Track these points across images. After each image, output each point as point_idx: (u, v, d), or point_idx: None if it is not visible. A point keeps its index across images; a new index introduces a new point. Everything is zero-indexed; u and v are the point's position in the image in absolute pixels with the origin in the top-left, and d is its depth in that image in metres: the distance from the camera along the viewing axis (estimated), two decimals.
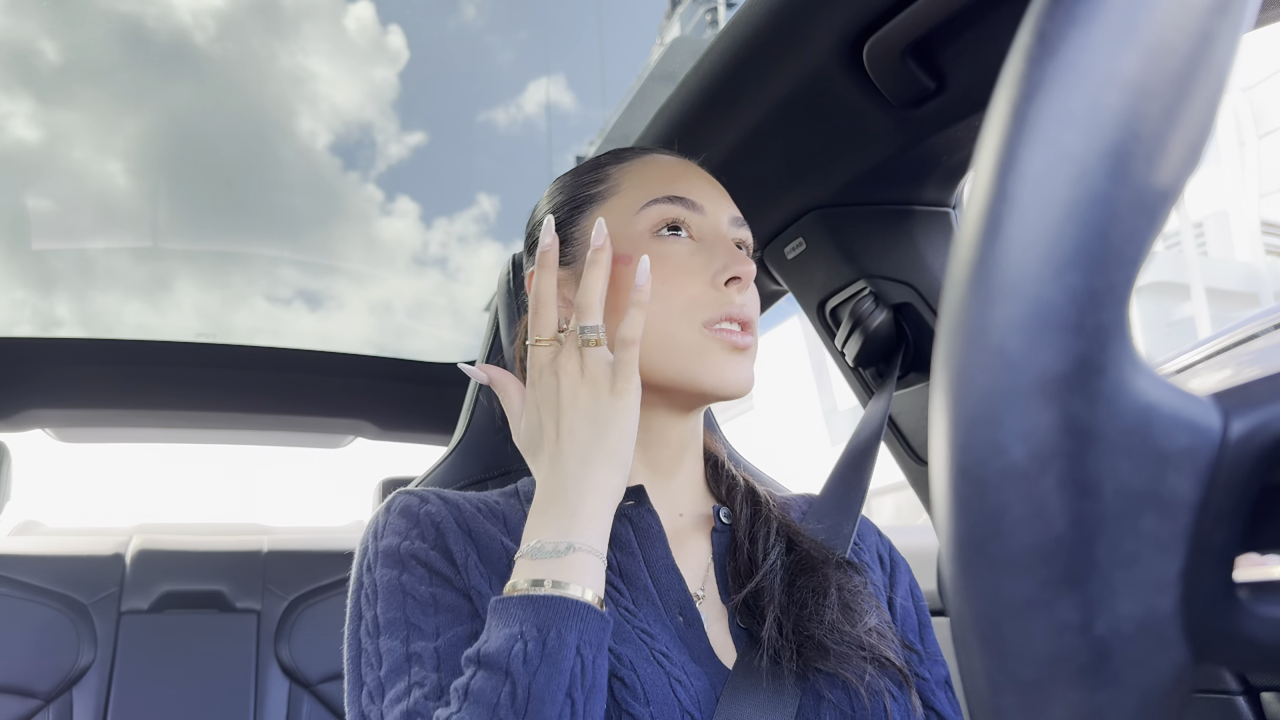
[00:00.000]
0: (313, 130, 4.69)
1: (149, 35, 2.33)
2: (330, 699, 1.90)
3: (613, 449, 0.66)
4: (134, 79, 2.35)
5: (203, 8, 2.90)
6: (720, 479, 0.82)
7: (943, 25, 0.80)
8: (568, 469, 0.66)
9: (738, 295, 0.73)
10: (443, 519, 0.71)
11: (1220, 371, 0.80)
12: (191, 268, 2.64)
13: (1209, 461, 0.23)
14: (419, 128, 17.34)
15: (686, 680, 0.65)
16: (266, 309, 2.83)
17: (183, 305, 2.70)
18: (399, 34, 11.07)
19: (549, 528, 0.64)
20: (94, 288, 2.53)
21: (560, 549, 0.62)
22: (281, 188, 3.29)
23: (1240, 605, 0.24)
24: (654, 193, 0.76)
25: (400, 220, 13.54)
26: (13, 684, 1.70)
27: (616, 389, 0.66)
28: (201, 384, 1.97)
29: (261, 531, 2.28)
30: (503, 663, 0.57)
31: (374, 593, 0.67)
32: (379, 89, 9.38)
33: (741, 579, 0.72)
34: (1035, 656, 0.22)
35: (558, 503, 0.65)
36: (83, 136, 2.49)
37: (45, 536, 2.24)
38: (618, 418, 0.66)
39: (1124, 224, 0.22)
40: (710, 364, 0.72)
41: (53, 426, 2.02)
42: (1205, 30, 0.22)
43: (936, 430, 0.23)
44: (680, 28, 18.64)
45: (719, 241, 0.76)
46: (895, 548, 0.86)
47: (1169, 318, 14.78)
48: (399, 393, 2.09)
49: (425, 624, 0.65)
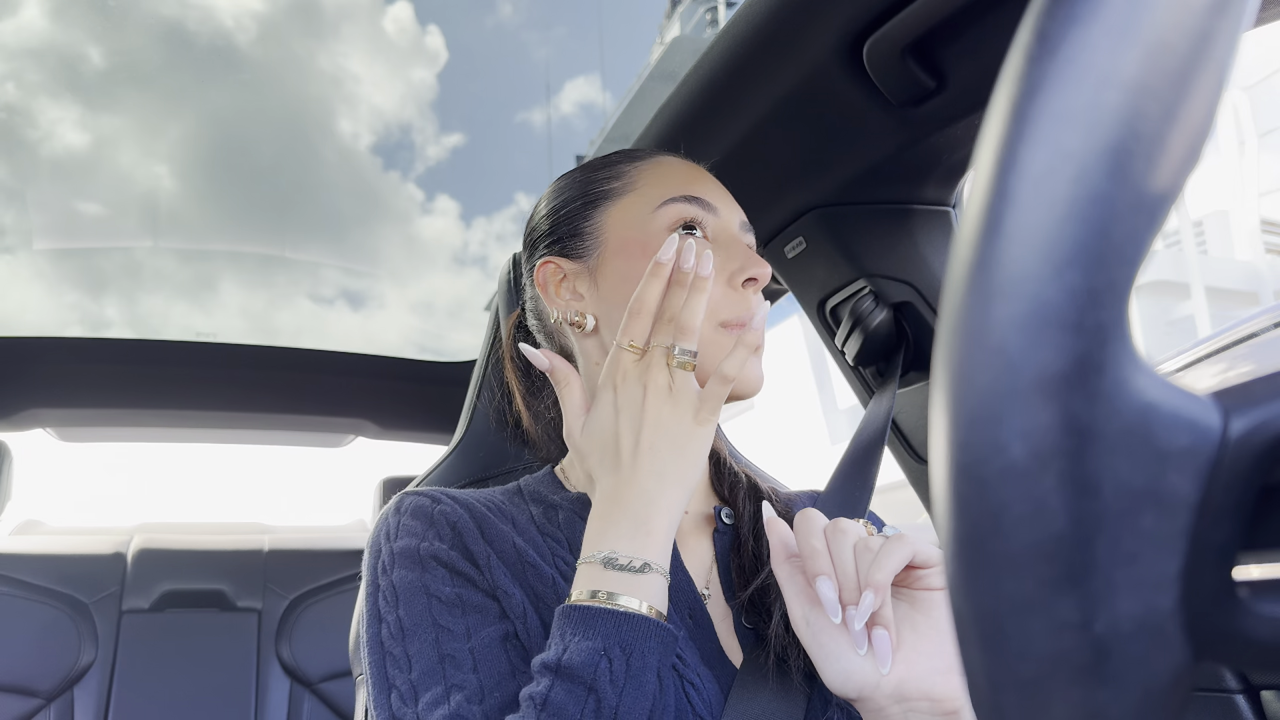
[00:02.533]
0: (354, 131, 4.72)
1: (191, 38, 2.36)
2: (331, 698, 1.90)
3: (685, 472, 0.66)
4: (177, 82, 2.38)
5: (243, 10, 2.94)
6: (723, 477, 0.82)
7: (943, 24, 0.80)
8: (645, 484, 0.65)
9: (753, 296, 0.74)
10: (458, 518, 0.70)
11: (1220, 370, 0.80)
12: (236, 269, 2.67)
13: (1209, 460, 0.23)
14: (457, 129, 17.39)
15: (699, 684, 0.65)
16: (310, 309, 2.85)
17: (228, 306, 2.74)
18: (438, 34, 11.18)
19: (624, 540, 0.63)
20: (142, 290, 2.58)
21: (637, 565, 0.62)
22: (323, 187, 3.33)
23: (1240, 604, 0.24)
24: (670, 191, 0.76)
25: (441, 219, 13.62)
26: (14, 683, 1.70)
27: (701, 417, 0.66)
28: (202, 383, 1.97)
29: (262, 531, 2.28)
30: (588, 678, 0.57)
31: (393, 595, 0.67)
32: (418, 90, 9.46)
33: (746, 577, 0.72)
34: (1035, 655, 0.22)
35: (632, 515, 0.64)
36: (129, 141, 2.53)
37: (46, 536, 2.24)
38: (696, 444, 0.66)
39: (1124, 223, 0.22)
40: (733, 361, 0.71)
41: (54, 426, 2.02)
42: (1205, 29, 0.22)
43: (937, 429, 0.23)
44: (680, 27, 18.64)
45: (733, 243, 0.76)
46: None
47: (1169, 316, 14.78)
48: (399, 392, 2.09)
49: (454, 625, 0.65)
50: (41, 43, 2.23)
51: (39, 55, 2.28)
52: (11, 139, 2.24)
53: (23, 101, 2.30)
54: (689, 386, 0.67)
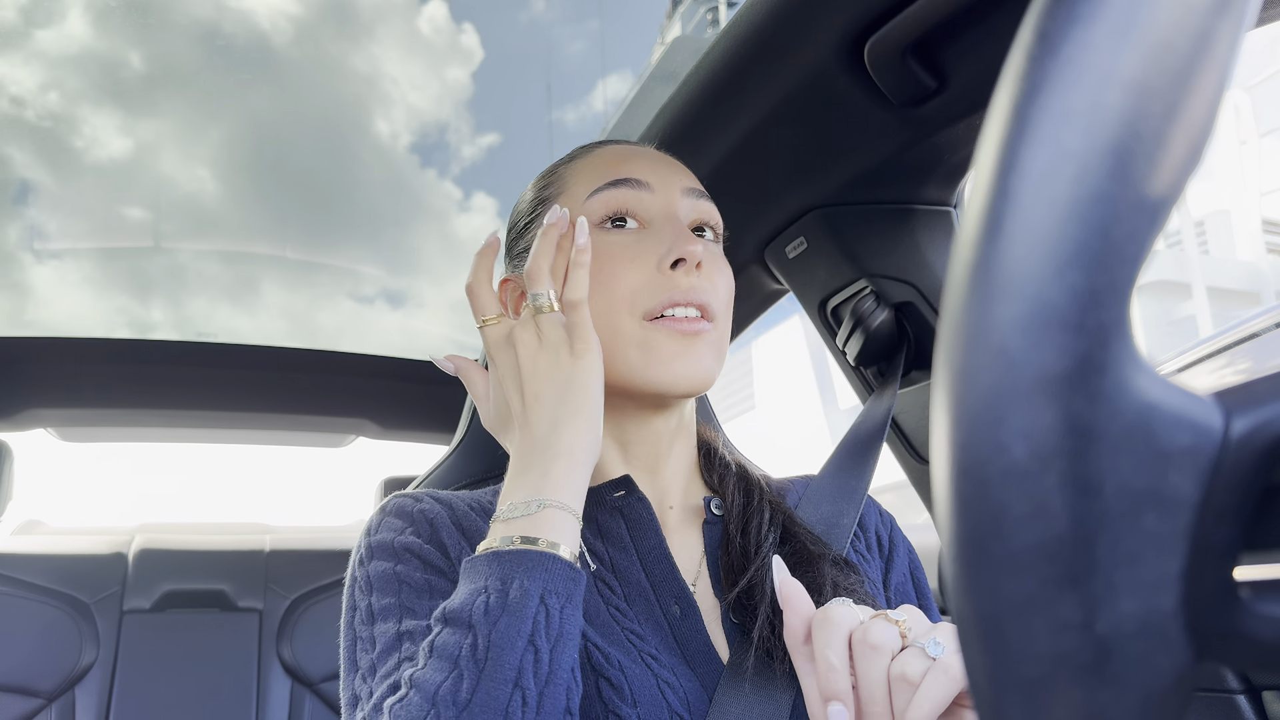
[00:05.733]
0: (392, 131, 4.76)
1: (229, 40, 2.37)
2: (332, 698, 1.90)
3: (578, 407, 0.65)
4: (216, 85, 2.40)
5: (279, 12, 2.96)
6: (713, 467, 0.80)
7: (944, 24, 0.79)
8: (537, 433, 0.65)
9: (685, 278, 0.70)
10: (436, 515, 0.71)
11: (1221, 370, 0.80)
12: (278, 269, 2.69)
13: (1210, 460, 0.23)
14: (492, 128, 17.43)
15: (675, 682, 0.64)
16: (351, 309, 2.86)
17: (270, 307, 2.76)
18: (473, 33, 11.26)
19: (521, 490, 0.63)
20: (186, 292, 2.59)
21: (531, 508, 0.61)
22: (361, 187, 3.36)
23: (1242, 604, 0.24)
24: (596, 182, 0.75)
25: (479, 216, 13.68)
26: (15, 683, 1.70)
27: (575, 350, 0.66)
28: (203, 383, 1.97)
29: (263, 530, 2.28)
30: (465, 616, 0.57)
31: (367, 584, 0.68)
32: (453, 90, 9.53)
33: (734, 573, 0.70)
34: (1037, 655, 0.22)
35: (530, 467, 0.64)
36: (170, 145, 2.55)
37: (47, 536, 2.24)
38: (580, 377, 0.65)
39: (1125, 223, 0.22)
40: (656, 358, 0.69)
41: (55, 426, 2.02)
42: (1206, 29, 0.22)
43: (938, 429, 0.23)
44: (681, 27, 18.64)
45: (668, 223, 0.73)
46: (897, 525, 0.84)
47: (1170, 316, 14.78)
48: (400, 392, 2.09)
49: (419, 606, 0.65)
50: (82, 49, 2.27)
51: (80, 62, 2.31)
52: (57, 147, 2.28)
53: (66, 110, 2.34)
54: (555, 328, 0.67)
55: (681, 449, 0.78)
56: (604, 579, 0.70)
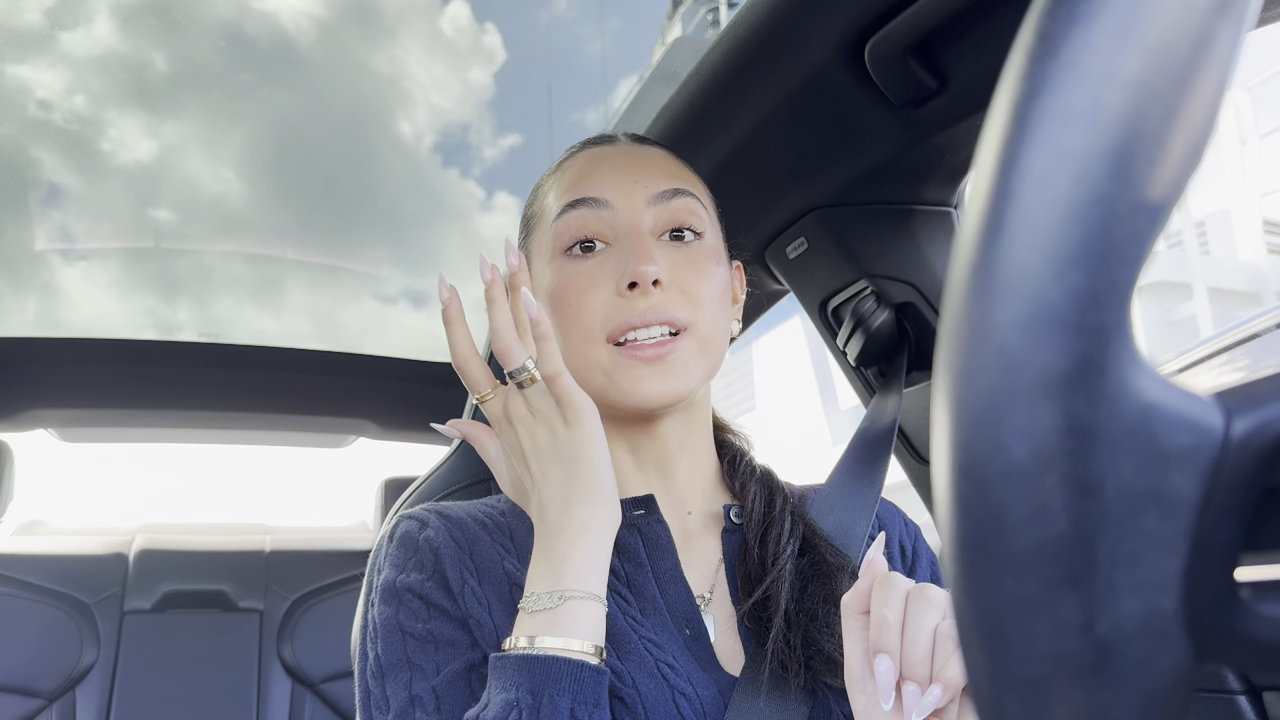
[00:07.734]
0: (415, 132, 4.74)
1: (251, 41, 2.37)
2: (332, 698, 1.90)
3: (587, 482, 0.64)
4: (240, 86, 2.40)
5: (301, 13, 2.96)
6: (736, 474, 0.78)
7: (944, 25, 0.79)
8: (551, 515, 0.64)
9: (642, 299, 0.68)
10: (441, 544, 0.69)
11: (1222, 370, 0.79)
12: (302, 270, 2.69)
13: (1211, 461, 0.23)
14: (514, 129, 17.35)
15: (692, 692, 0.64)
16: (375, 309, 2.86)
17: (295, 307, 2.74)
18: (495, 33, 11.25)
19: (542, 578, 0.63)
20: (212, 292, 2.58)
21: (553, 601, 0.61)
22: (384, 187, 3.35)
23: (1242, 604, 0.24)
24: (561, 202, 0.74)
25: (501, 215, 13.65)
26: (16, 683, 1.70)
27: (568, 419, 0.64)
28: (204, 384, 1.97)
29: (264, 531, 2.28)
30: None
31: (375, 633, 0.67)
32: (475, 91, 9.50)
33: (750, 584, 0.70)
34: (1037, 656, 0.22)
35: (548, 550, 0.64)
36: (195, 146, 2.54)
37: (48, 536, 2.24)
38: (580, 448, 0.64)
39: (1126, 223, 0.22)
40: (624, 381, 0.69)
41: (55, 426, 2.02)
42: (1207, 29, 0.22)
43: (938, 429, 0.23)
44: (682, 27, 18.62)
45: (627, 239, 0.71)
46: (922, 535, 0.83)
47: (1171, 317, 14.77)
48: (401, 392, 2.09)
49: (425, 663, 0.65)
50: (106, 51, 2.27)
51: (105, 65, 2.31)
52: (84, 149, 2.28)
53: (93, 113, 2.34)
54: (542, 399, 0.65)
55: (694, 448, 0.77)
56: (619, 591, 0.69)
